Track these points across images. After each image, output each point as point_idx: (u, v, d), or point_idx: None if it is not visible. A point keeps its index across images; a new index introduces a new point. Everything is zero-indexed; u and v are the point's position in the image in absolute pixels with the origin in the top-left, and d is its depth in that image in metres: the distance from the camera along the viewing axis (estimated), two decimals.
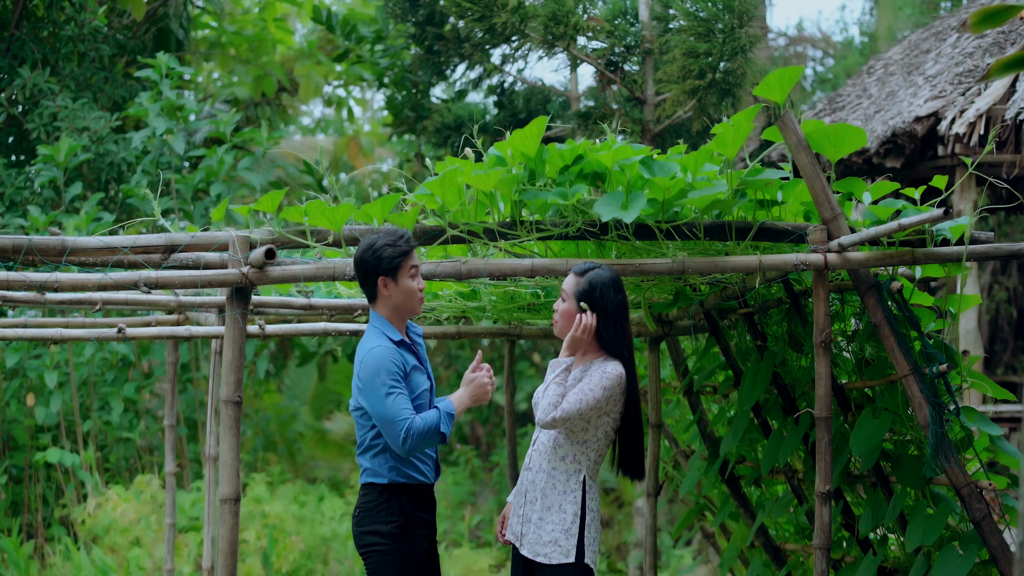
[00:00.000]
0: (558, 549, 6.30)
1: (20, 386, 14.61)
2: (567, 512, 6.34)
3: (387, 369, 6.15)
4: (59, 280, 6.22)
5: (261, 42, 21.60)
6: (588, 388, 6.25)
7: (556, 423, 6.21)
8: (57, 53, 17.23)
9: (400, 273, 6.20)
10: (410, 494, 6.37)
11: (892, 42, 25.79)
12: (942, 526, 6.56)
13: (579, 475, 6.38)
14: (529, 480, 6.47)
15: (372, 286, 6.26)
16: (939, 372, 6.30)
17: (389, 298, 6.27)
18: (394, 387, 6.14)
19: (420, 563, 6.38)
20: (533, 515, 6.39)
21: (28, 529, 14.54)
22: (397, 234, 6.19)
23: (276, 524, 13.15)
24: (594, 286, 6.34)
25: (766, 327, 7.97)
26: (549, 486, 6.37)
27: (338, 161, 23.55)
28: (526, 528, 6.43)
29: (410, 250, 6.19)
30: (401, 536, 6.33)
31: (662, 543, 15.66)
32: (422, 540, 6.40)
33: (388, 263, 6.16)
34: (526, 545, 6.39)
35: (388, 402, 6.11)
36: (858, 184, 6.47)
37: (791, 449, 7.54)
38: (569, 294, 6.38)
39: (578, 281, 6.37)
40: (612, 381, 6.27)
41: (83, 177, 16.11)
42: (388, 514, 6.34)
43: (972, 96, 13.28)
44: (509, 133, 6.42)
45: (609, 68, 13.83)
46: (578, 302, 6.35)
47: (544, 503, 6.36)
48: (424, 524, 6.43)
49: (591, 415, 6.28)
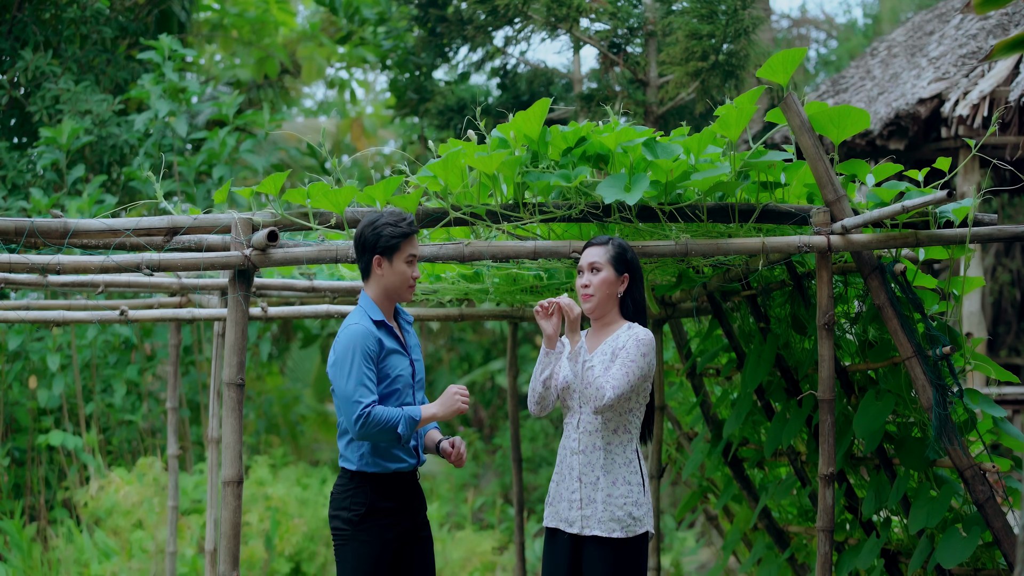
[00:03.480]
0: (635, 522, 6.24)
1: (23, 369, 14.61)
2: (632, 483, 6.25)
3: (360, 349, 6.12)
4: (61, 262, 6.21)
5: (263, 24, 21.57)
6: (630, 360, 6.17)
7: (614, 404, 6.15)
8: (59, 35, 17.21)
9: (396, 255, 6.16)
10: (380, 483, 6.33)
11: (896, 23, 25.79)
12: (945, 508, 6.57)
13: (632, 443, 6.30)
14: (583, 463, 6.35)
15: (367, 263, 6.22)
16: (942, 354, 6.30)
17: (381, 278, 6.22)
18: (362, 369, 6.11)
19: (379, 554, 6.33)
20: (598, 495, 6.29)
21: (31, 512, 14.55)
22: (401, 216, 6.15)
23: (279, 507, 13.15)
24: (625, 248, 6.29)
25: (769, 309, 7.97)
26: (609, 461, 6.28)
27: (341, 143, 23.53)
28: (590, 510, 6.34)
29: (410, 234, 6.15)
30: (360, 525, 6.31)
31: (665, 525, 15.67)
32: (387, 531, 6.36)
33: (386, 242, 6.12)
34: (595, 526, 6.31)
35: (352, 381, 6.09)
36: (861, 166, 6.47)
37: (794, 431, 7.55)
38: (603, 262, 6.26)
39: (606, 248, 6.28)
40: (648, 346, 6.19)
41: (85, 160, 16.10)
42: (353, 502, 6.33)
43: (976, 78, 13.25)
44: (512, 115, 6.41)
45: (612, 50, 13.82)
46: (614, 267, 6.29)
47: (608, 479, 6.27)
48: (392, 513, 6.38)
49: (638, 384, 6.23)
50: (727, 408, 9.16)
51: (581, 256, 6.35)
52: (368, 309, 6.26)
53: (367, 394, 6.08)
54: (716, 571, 9.99)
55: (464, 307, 9.20)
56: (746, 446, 8.91)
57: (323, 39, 21.88)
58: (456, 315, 9.26)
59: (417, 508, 6.52)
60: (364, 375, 6.10)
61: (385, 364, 6.23)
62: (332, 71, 24.21)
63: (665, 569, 13.90)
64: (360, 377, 6.09)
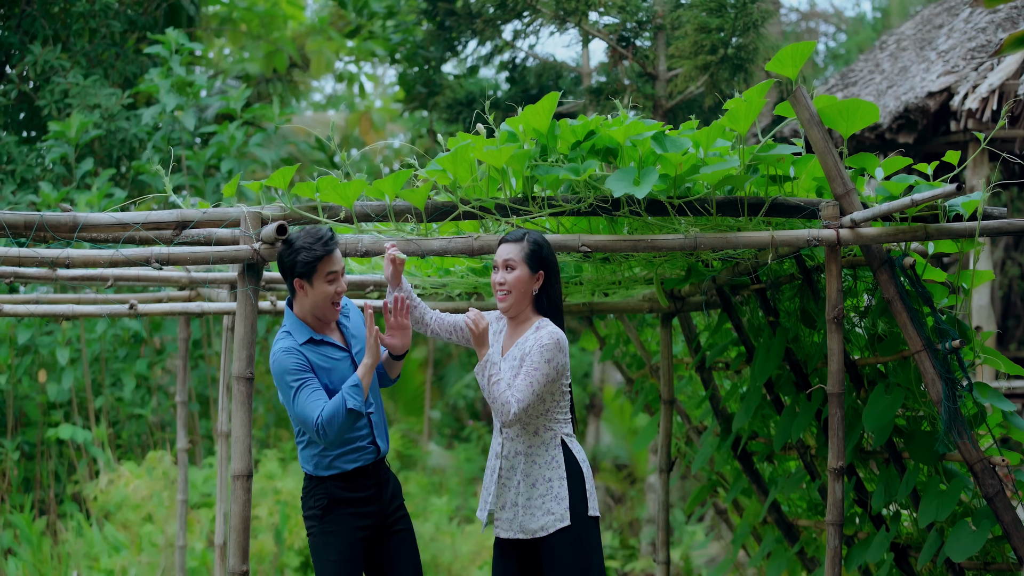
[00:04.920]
0: (551, 517, 6.26)
1: (32, 362, 14.62)
2: (552, 480, 6.29)
3: (288, 369, 6.17)
4: (71, 256, 6.22)
5: (272, 18, 21.58)
6: (533, 368, 6.14)
7: (521, 416, 6.12)
8: (68, 29, 17.21)
9: (315, 276, 6.19)
10: (341, 480, 6.40)
11: (905, 17, 25.74)
12: (955, 502, 6.56)
13: (555, 440, 6.32)
14: (507, 467, 6.37)
15: (290, 284, 6.28)
16: (952, 348, 6.30)
17: (305, 298, 6.28)
18: (298, 381, 6.16)
19: (348, 543, 6.37)
20: (520, 499, 6.33)
21: (40, 505, 14.56)
22: (316, 236, 6.15)
23: (288, 500, 13.15)
24: (540, 245, 6.27)
25: (778, 303, 7.97)
26: (529, 464, 6.31)
27: (349, 137, 23.53)
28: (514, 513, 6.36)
29: (325, 255, 6.15)
30: (325, 518, 6.37)
31: (675, 519, 15.68)
32: (354, 519, 6.39)
33: (302, 267, 6.16)
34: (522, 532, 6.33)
35: (298, 400, 6.14)
36: (870, 160, 6.46)
37: (804, 425, 7.55)
38: (518, 260, 6.24)
39: (521, 245, 6.25)
40: (552, 350, 6.16)
41: (94, 153, 16.10)
42: (315, 499, 6.42)
43: (985, 71, 13.23)
44: (521, 109, 6.41)
45: (621, 43, 13.81)
46: (528, 265, 6.26)
47: (527, 482, 6.30)
48: (356, 504, 6.41)
49: (544, 390, 6.21)
50: (736, 402, 9.16)
51: (496, 252, 6.35)
52: (293, 330, 6.32)
53: (315, 406, 6.14)
54: (725, 565, 10.00)
55: (473, 300, 9.20)
56: (755, 440, 8.91)
57: (332, 33, 21.88)
58: (465, 309, 9.26)
59: (387, 499, 6.54)
60: (304, 386, 6.18)
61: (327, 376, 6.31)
62: (341, 65, 24.21)
63: (675, 563, 13.91)
64: (302, 391, 6.18)
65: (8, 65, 17.69)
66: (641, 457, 17.96)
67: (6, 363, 14.09)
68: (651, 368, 10.39)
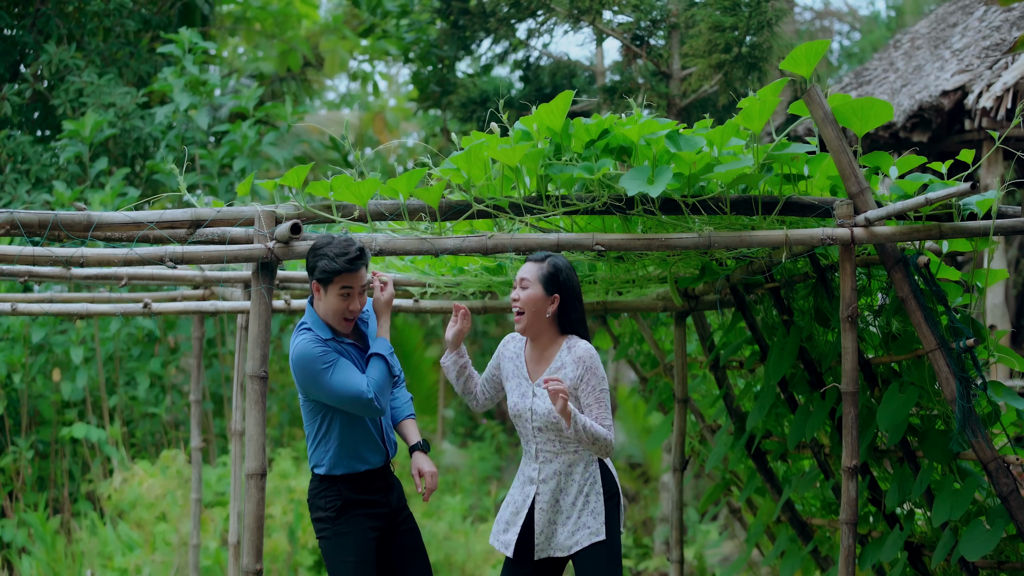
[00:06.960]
0: (587, 531, 6.31)
1: (46, 361, 14.64)
2: (590, 496, 6.35)
3: (315, 355, 6.21)
4: (85, 255, 6.22)
5: (286, 17, 21.61)
6: (598, 392, 6.32)
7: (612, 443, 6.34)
8: (82, 28, 17.25)
9: (330, 286, 6.24)
10: (350, 481, 6.44)
11: (919, 15, 25.71)
12: (969, 501, 6.55)
13: (593, 457, 6.39)
14: (544, 491, 6.41)
15: (310, 283, 6.34)
16: (966, 347, 6.28)
17: (320, 301, 6.33)
18: (329, 362, 6.20)
19: (362, 546, 6.40)
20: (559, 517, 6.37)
21: (54, 504, 14.58)
22: (344, 250, 6.18)
23: (302, 499, 13.14)
24: (559, 268, 6.39)
25: (792, 302, 7.96)
26: (568, 482, 6.36)
27: (363, 136, 23.56)
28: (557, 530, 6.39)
29: (344, 271, 6.19)
30: (338, 519, 6.40)
31: (688, 518, 15.67)
32: (366, 520, 6.43)
33: (320, 273, 6.22)
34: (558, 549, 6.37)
35: (336, 379, 6.18)
36: (885, 158, 6.44)
37: (817, 424, 7.53)
38: (532, 279, 6.37)
39: (540, 266, 6.39)
40: (598, 365, 6.36)
41: (108, 152, 16.14)
42: (326, 500, 6.45)
43: (999, 70, 13.21)
44: (535, 108, 6.40)
45: (635, 42, 13.81)
46: (543, 286, 6.35)
47: (566, 499, 6.35)
48: (368, 506, 6.45)
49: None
50: (750, 401, 9.15)
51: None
52: (316, 327, 6.34)
53: (357, 381, 6.20)
54: (739, 564, 9.99)
55: (487, 300, 9.20)
56: (769, 439, 8.90)
57: (346, 32, 21.91)
58: (479, 308, 9.25)
59: (395, 500, 6.58)
60: (339, 366, 6.22)
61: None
62: (355, 64, 24.24)
63: (688, 562, 13.91)
64: (338, 372, 6.21)
65: (23, 64, 17.75)
66: (655, 456, 17.95)
67: (20, 362, 14.11)
68: (665, 367, 10.39)
